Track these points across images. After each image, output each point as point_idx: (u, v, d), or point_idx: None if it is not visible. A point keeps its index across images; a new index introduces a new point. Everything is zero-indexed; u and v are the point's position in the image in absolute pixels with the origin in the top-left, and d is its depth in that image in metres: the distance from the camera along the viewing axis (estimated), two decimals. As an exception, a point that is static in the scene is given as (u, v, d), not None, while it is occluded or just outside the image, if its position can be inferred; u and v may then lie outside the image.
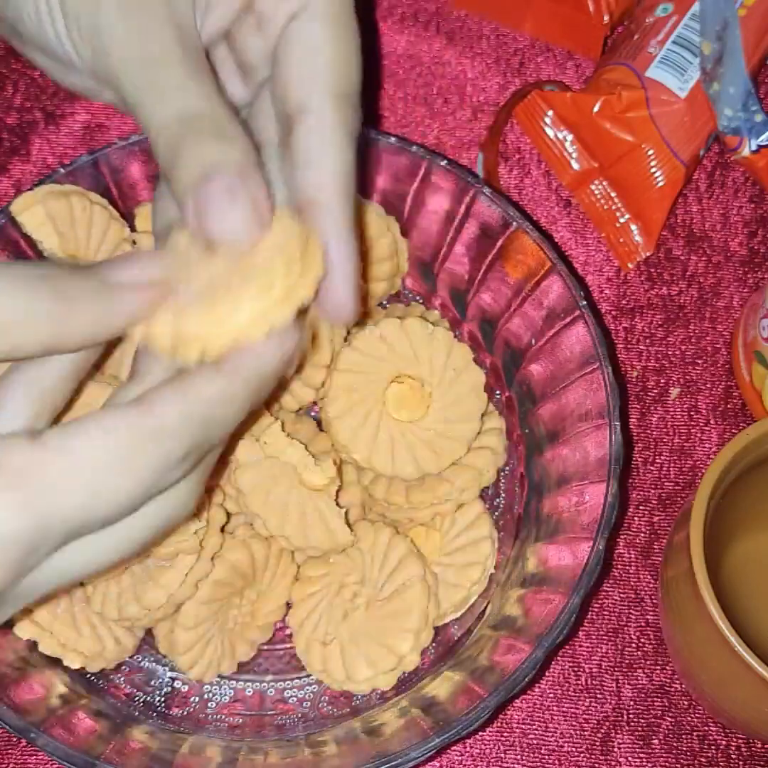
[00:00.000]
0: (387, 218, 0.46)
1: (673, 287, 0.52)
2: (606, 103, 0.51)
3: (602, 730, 0.45)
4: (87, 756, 0.36)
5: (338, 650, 0.42)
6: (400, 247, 0.47)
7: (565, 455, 0.43)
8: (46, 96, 0.55)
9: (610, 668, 0.46)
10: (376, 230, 0.45)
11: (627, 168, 0.52)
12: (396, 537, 0.43)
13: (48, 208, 0.43)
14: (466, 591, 0.43)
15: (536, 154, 0.55)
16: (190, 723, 0.42)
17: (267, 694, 0.43)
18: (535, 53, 0.57)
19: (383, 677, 0.41)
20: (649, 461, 0.49)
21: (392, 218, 0.46)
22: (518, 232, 0.44)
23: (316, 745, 0.40)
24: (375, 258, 0.46)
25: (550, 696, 0.46)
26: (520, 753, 0.45)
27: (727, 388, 0.51)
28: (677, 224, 0.54)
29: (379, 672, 0.41)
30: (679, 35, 0.52)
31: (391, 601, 0.42)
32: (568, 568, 0.39)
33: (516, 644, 0.39)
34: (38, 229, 0.43)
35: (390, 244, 0.46)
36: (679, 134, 0.51)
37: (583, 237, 0.53)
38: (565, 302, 0.43)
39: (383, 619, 0.42)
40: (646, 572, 0.47)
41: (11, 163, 0.53)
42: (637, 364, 0.51)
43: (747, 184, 0.54)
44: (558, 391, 0.44)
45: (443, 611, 0.43)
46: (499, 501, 0.46)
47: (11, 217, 0.43)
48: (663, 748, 0.45)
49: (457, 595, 0.43)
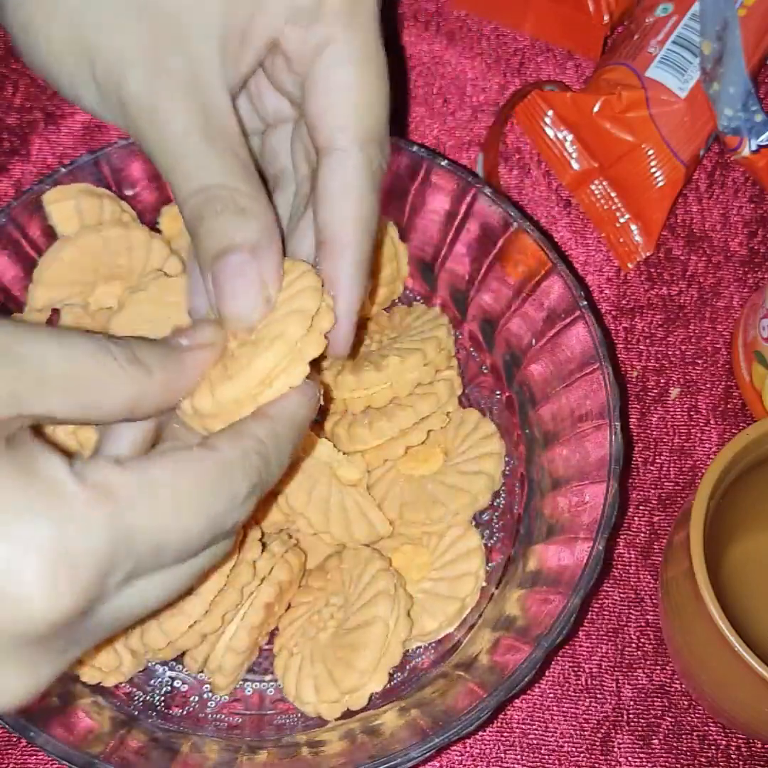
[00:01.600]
0: (385, 223, 0.46)
1: (673, 287, 0.52)
2: (606, 103, 0.51)
3: (602, 730, 0.45)
4: (86, 755, 0.36)
5: (297, 664, 0.41)
6: (400, 251, 0.47)
7: (565, 455, 0.43)
8: (46, 96, 0.55)
9: (610, 668, 0.46)
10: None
11: (627, 168, 0.52)
12: (373, 554, 0.42)
13: (79, 205, 0.43)
14: (460, 603, 0.43)
15: (536, 154, 0.55)
16: (189, 722, 0.42)
17: (267, 693, 0.43)
18: (535, 53, 0.57)
19: (326, 707, 0.41)
20: (649, 461, 0.49)
21: (390, 223, 0.46)
22: (518, 232, 0.44)
23: (316, 745, 0.40)
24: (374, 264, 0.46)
25: (550, 696, 0.46)
26: (520, 753, 0.45)
27: (727, 388, 0.51)
28: (677, 224, 0.54)
29: (322, 700, 0.40)
30: (679, 35, 0.52)
31: (350, 633, 0.41)
32: (568, 568, 0.39)
33: (516, 644, 0.39)
34: (64, 222, 0.44)
35: (388, 248, 0.46)
36: (679, 134, 0.51)
37: (583, 237, 0.53)
38: (566, 302, 0.43)
39: (340, 648, 0.41)
40: (646, 572, 0.47)
41: (11, 163, 0.53)
42: (637, 364, 0.51)
43: (747, 184, 0.54)
44: (558, 391, 0.44)
45: (438, 625, 0.43)
46: (499, 501, 0.46)
47: (11, 216, 0.43)
48: (663, 748, 0.45)
49: (451, 608, 0.43)
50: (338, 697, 0.40)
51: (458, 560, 0.43)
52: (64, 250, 0.43)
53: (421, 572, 0.43)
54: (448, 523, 0.43)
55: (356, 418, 0.44)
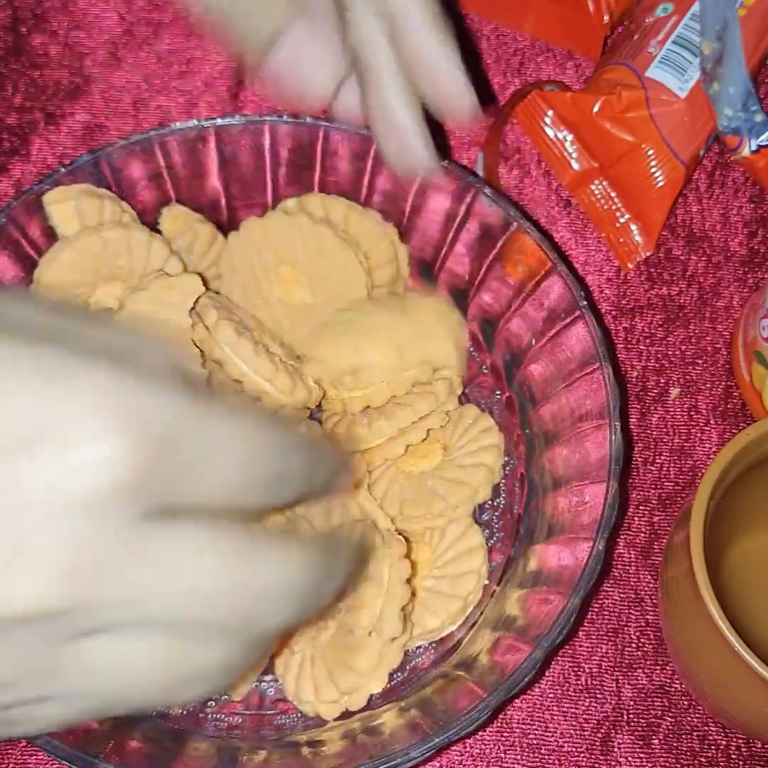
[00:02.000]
0: (385, 225, 0.46)
1: (673, 287, 0.52)
2: (606, 103, 0.51)
3: (602, 730, 0.45)
4: (87, 755, 0.36)
5: (297, 663, 0.41)
6: (400, 252, 0.47)
7: (565, 455, 0.43)
8: (46, 96, 0.55)
9: (610, 668, 0.46)
10: (374, 237, 0.46)
11: (627, 168, 0.52)
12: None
13: (79, 205, 0.43)
14: (463, 601, 0.43)
15: (536, 154, 0.55)
16: (189, 722, 0.42)
17: (266, 693, 0.43)
18: (535, 53, 0.57)
19: (324, 706, 0.41)
20: (649, 461, 0.49)
21: (390, 224, 0.46)
22: (519, 232, 0.44)
23: (316, 745, 0.40)
24: (374, 264, 0.46)
25: (550, 696, 0.46)
26: (520, 753, 0.45)
27: (727, 388, 0.51)
28: (677, 224, 0.54)
29: (321, 700, 0.40)
30: (679, 35, 0.52)
31: (350, 634, 0.40)
32: (568, 569, 0.39)
33: (516, 644, 0.39)
34: (65, 222, 0.44)
35: (388, 249, 0.46)
36: (679, 134, 0.51)
37: (583, 237, 0.53)
38: (566, 302, 0.43)
39: (339, 649, 0.40)
40: (646, 572, 0.47)
41: (11, 163, 0.53)
42: (637, 364, 0.51)
43: (747, 184, 0.54)
44: (558, 391, 0.44)
45: (441, 623, 0.43)
46: (499, 501, 0.46)
47: (11, 216, 0.43)
48: (663, 748, 0.45)
49: (453, 606, 0.43)
50: (337, 698, 0.40)
51: (460, 558, 0.43)
52: (64, 251, 0.43)
53: (423, 570, 0.43)
54: (448, 517, 0.43)
55: (355, 418, 0.44)
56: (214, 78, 0.55)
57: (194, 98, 0.55)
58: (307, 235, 0.44)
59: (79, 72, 0.55)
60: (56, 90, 0.55)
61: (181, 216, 0.47)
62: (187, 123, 0.45)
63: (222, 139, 0.46)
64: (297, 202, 0.46)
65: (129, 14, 0.56)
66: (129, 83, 0.55)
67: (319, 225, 0.44)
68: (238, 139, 0.46)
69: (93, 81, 0.55)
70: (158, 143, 0.45)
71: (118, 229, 0.43)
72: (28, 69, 0.55)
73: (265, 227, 0.45)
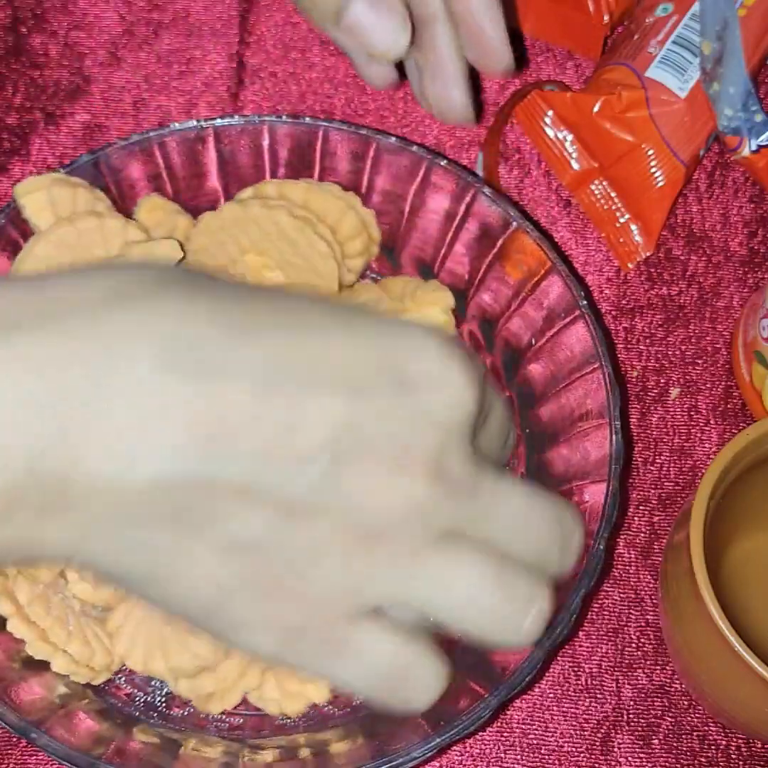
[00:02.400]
0: (346, 196, 0.46)
1: (673, 287, 0.52)
2: (606, 103, 0.51)
3: (602, 730, 0.45)
4: (88, 756, 0.36)
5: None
6: (367, 219, 0.47)
7: (565, 455, 0.43)
8: (46, 96, 0.55)
9: (610, 668, 0.46)
10: (338, 211, 0.45)
11: (627, 168, 0.52)
12: None
13: (52, 195, 0.43)
14: None
15: (536, 154, 0.55)
16: (190, 723, 0.42)
17: (267, 694, 0.43)
18: (535, 53, 0.57)
19: (289, 702, 0.40)
20: (649, 461, 0.49)
21: (350, 193, 0.46)
22: (518, 232, 0.44)
23: (316, 745, 0.40)
24: (343, 237, 0.46)
25: (550, 696, 0.46)
26: (520, 753, 0.45)
27: (727, 388, 0.51)
28: (677, 224, 0.54)
29: (285, 695, 0.40)
30: (679, 35, 0.52)
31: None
32: (568, 568, 0.39)
33: (516, 644, 0.39)
34: (38, 214, 0.43)
35: (354, 220, 0.46)
36: (679, 134, 0.51)
37: (583, 237, 0.53)
38: (565, 302, 0.43)
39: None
40: (646, 572, 0.47)
41: (11, 163, 0.53)
42: (637, 364, 0.51)
43: (747, 184, 0.54)
44: (558, 390, 0.44)
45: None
46: (499, 501, 0.46)
47: (11, 216, 0.43)
48: (663, 748, 0.45)
49: None
50: (299, 688, 0.40)
51: None
52: (38, 245, 0.42)
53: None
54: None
55: None
56: (214, 78, 0.55)
57: (194, 98, 0.55)
58: (262, 221, 0.44)
59: (79, 72, 0.55)
60: (56, 90, 0.55)
61: (159, 207, 0.46)
62: (186, 123, 0.45)
63: (221, 140, 0.46)
64: (252, 189, 0.46)
65: (129, 14, 0.56)
66: (129, 83, 0.55)
67: (272, 209, 0.44)
68: (238, 140, 0.46)
69: (93, 81, 0.55)
70: (157, 143, 0.45)
71: (92, 218, 0.43)
72: (28, 69, 0.55)
73: (221, 219, 0.45)
